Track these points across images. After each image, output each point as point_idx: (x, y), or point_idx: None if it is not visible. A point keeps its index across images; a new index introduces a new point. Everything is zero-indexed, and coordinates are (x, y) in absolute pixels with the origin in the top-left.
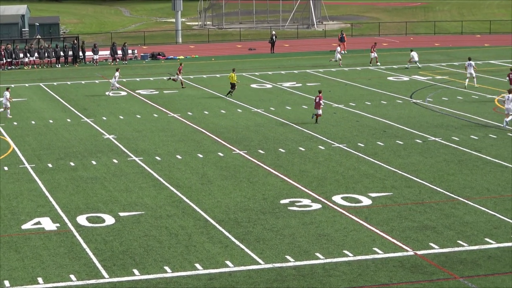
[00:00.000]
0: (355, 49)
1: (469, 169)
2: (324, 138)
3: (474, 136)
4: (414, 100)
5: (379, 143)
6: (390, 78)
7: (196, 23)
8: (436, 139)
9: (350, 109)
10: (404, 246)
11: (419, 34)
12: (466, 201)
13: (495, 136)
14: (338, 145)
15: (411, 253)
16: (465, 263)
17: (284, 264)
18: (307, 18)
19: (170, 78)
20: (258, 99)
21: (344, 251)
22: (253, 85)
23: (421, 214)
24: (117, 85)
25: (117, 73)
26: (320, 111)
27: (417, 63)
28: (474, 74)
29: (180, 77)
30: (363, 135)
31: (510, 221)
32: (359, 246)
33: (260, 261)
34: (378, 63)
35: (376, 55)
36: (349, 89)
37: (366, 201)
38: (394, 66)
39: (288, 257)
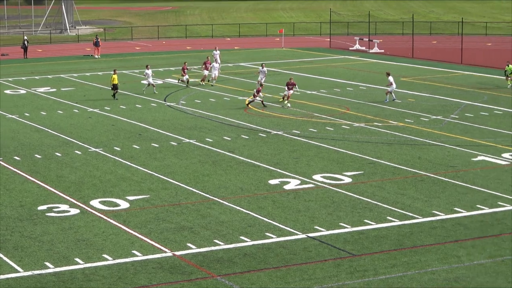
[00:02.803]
0: (109, 53)
1: (223, 169)
2: (80, 143)
3: (227, 137)
4: (168, 103)
5: (135, 146)
6: (160, 82)
7: None
8: (191, 141)
9: (105, 113)
10: (162, 248)
11: (172, 38)
12: (221, 201)
13: (247, 137)
14: (94, 149)
15: (169, 254)
16: (222, 261)
17: (43, 271)
18: (60, 23)
19: (179, 80)
20: (12, 105)
21: (103, 255)
22: (7, 91)
23: (178, 215)
24: (151, 81)
25: (148, 71)
26: (291, 91)
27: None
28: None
29: (186, 76)
30: (119, 138)
31: (264, 218)
32: (118, 250)
33: (19, 269)
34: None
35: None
36: (103, 93)
37: (124, 205)
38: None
39: (47, 263)
